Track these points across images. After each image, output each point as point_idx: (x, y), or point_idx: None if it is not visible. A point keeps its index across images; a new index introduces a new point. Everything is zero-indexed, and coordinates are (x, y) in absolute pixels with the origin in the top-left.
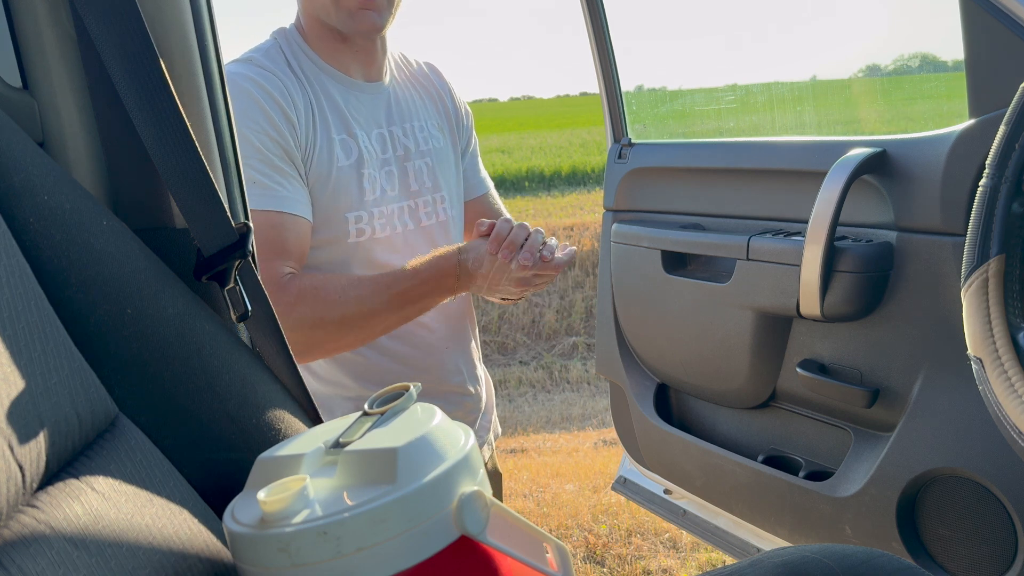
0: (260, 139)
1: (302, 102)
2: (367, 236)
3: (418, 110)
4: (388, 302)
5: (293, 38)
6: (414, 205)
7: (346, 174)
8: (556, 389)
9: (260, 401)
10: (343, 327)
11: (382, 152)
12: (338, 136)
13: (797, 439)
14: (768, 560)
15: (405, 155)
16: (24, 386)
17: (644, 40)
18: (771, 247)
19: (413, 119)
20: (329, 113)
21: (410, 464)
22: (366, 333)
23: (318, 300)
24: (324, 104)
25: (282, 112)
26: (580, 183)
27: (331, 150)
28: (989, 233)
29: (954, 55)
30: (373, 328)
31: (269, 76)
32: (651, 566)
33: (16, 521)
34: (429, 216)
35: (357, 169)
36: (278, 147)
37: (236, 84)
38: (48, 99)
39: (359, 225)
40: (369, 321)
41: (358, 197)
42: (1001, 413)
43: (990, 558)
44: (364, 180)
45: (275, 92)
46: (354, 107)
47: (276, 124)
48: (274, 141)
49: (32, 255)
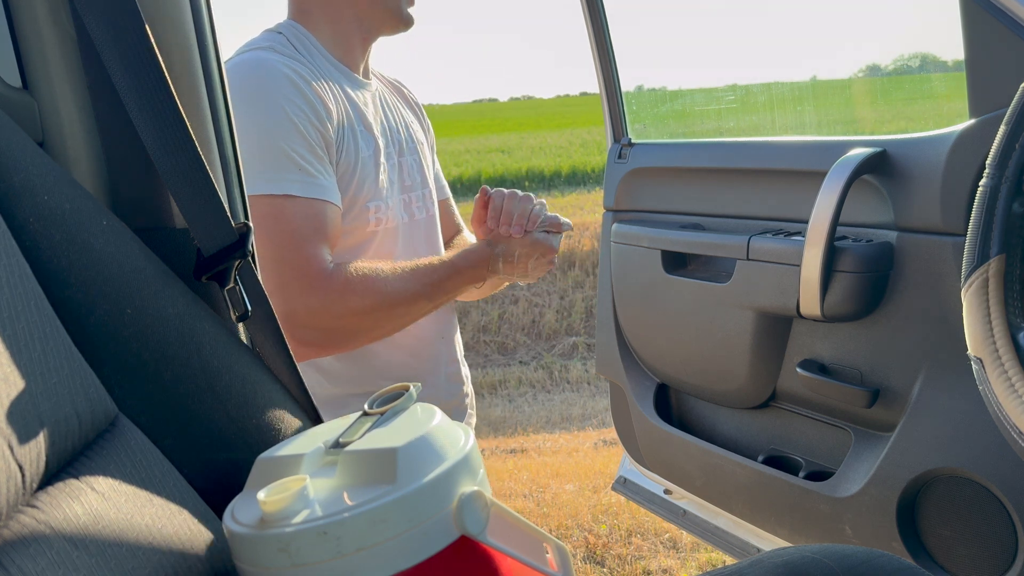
0: (304, 125)
1: (330, 92)
2: (382, 225)
3: (400, 109)
4: (428, 291)
5: (299, 32)
6: (408, 199)
7: (368, 164)
8: (556, 389)
9: (260, 401)
10: (388, 315)
11: (385, 145)
12: (359, 127)
13: (797, 439)
14: (768, 560)
15: (400, 150)
16: (24, 386)
17: (644, 40)
18: (771, 247)
19: (399, 116)
20: (348, 105)
21: (410, 464)
22: (405, 321)
23: (367, 289)
24: (342, 97)
25: (321, 100)
26: (580, 183)
27: (356, 140)
28: (989, 233)
29: (954, 55)
30: (412, 316)
31: (298, 64)
32: (651, 566)
33: (16, 521)
34: (419, 211)
35: (375, 159)
36: (319, 134)
37: (272, 67)
38: (48, 99)
39: (377, 215)
40: (410, 309)
41: (376, 187)
42: (1001, 413)
43: (990, 558)
44: (380, 171)
45: (311, 78)
46: (362, 101)
47: (318, 111)
48: (315, 128)
49: (32, 255)
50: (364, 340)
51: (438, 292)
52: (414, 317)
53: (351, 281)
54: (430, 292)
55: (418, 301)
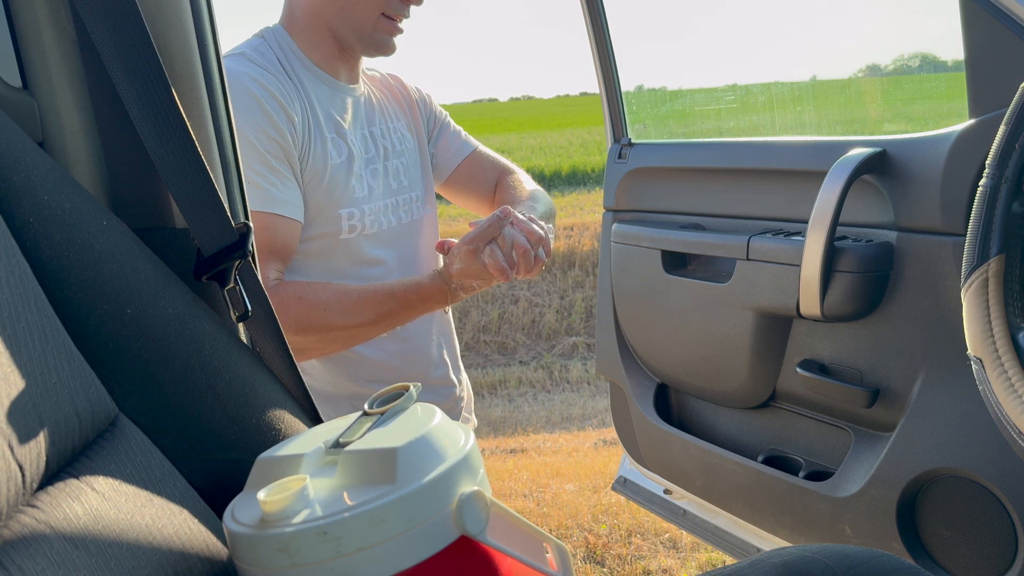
0: (258, 138)
1: (297, 101)
2: (357, 232)
3: (390, 112)
4: (373, 319)
5: (282, 38)
6: (395, 203)
7: (339, 172)
8: (556, 389)
9: (260, 401)
10: (327, 335)
11: (366, 152)
12: (329, 135)
13: (797, 439)
14: (768, 560)
15: (385, 155)
16: (24, 386)
17: (644, 40)
18: (771, 247)
19: (387, 121)
20: (320, 113)
21: (410, 464)
22: (350, 343)
23: (303, 308)
24: (315, 104)
25: (282, 110)
26: (580, 183)
27: (325, 148)
28: (989, 233)
29: (954, 55)
30: (356, 339)
31: (266, 74)
32: (651, 566)
33: (16, 521)
34: (408, 214)
35: (348, 167)
36: (276, 146)
37: (235, 81)
38: (48, 99)
39: (351, 221)
40: (353, 332)
41: (349, 194)
42: (1001, 413)
43: (990, 558)
44: (354, 178)
45: (274, 90)
46: (340, 108)
47: (276, 123)
48: (272, 140)
49: (32, 255)
50: (305, 356)
51: (384, 320)
52: (359, 340)
53: (287, 301)
54: (375, 320)
55: (362, 326)
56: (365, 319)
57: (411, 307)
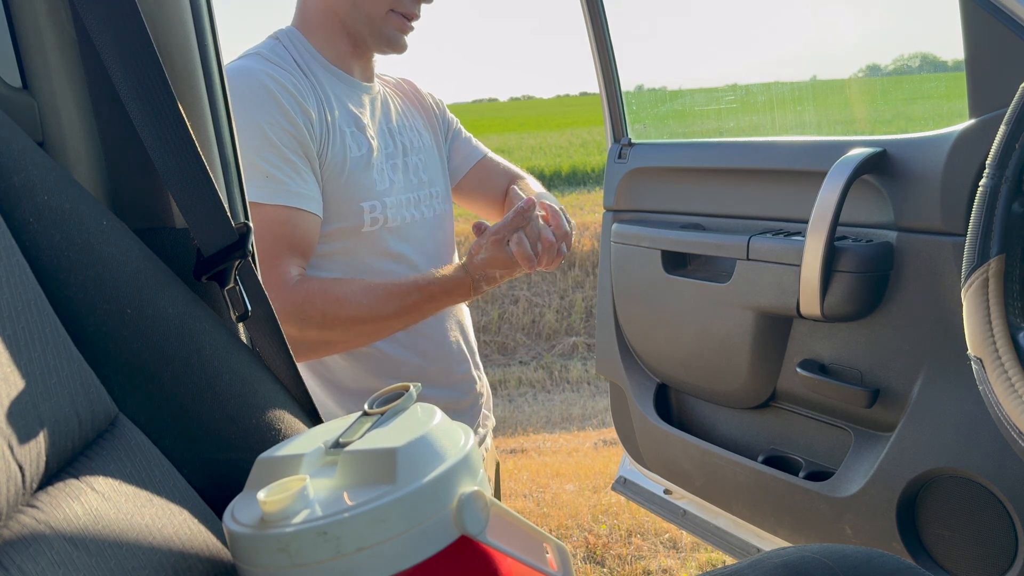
0: (275, 132)
1: (313, 97)
2: (380, 225)
3: (405, 110)
4: (398, 311)
5: (296, 38)
6: (417, 198)
7: (359, 165)
8: (556, 389)
9: (260, 401)
10: (352, 329)
11: (385, 147)
12: (348, 129)
13: (797, 439)
14: (768, 560)
15: (404, 151)
16: (24, 386)
17: (644, 40)
18: (771, 247)
19: (404, 118)
20: (338, 108)
21: (410, 464)
22: (374, 337)
23: (328, 302)
24: (332, 99)
25: (299, 104)
26: (580, 183)
27: (344, 141)
28: (989, 233)
29: (954, 55)
30: (381, 333)
31: (282, 71)
32: (651, 566)
33: (16, 521)
34: (430, 209)
35: (368, 160)
36: (293, 140)
37: (252, 77)
38: (48, 99)
39: (373, 214)
40: (377, 326)
41: (371, 187)
42: (1001, 413)
43: (990, 558)
44: (374, 171)
45: (290, 86)
46: (357, 104)
47: (292, 117)
48: (289, 135)
49: (32, 255)
50: (331, 350)
51: (409, 313)
52: (383, 334)
53: (312, 295)
54: (399, 312)
55: (386, 320)
56: (389, 312)
57: (435, 299)
